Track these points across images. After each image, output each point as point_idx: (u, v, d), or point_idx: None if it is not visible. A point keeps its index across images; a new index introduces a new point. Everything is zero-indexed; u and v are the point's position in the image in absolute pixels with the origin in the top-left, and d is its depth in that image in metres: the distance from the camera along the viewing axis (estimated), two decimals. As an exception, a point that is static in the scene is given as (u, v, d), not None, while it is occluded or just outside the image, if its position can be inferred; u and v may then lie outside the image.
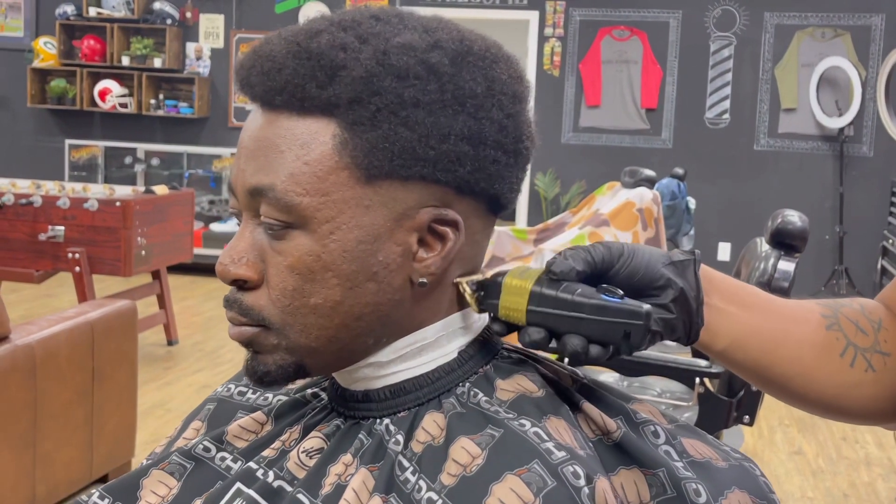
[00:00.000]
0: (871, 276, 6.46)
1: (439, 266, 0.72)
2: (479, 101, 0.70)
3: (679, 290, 0.75)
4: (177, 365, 4.78)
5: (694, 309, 0.76)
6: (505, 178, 0.73)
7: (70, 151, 7.39)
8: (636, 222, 3.94)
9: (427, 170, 0.69)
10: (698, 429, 0.77)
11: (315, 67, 0.69)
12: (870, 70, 6.54)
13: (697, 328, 0.77)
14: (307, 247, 0.70)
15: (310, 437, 0.75)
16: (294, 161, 0.69)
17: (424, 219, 0.71)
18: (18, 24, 7.66)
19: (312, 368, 0.74)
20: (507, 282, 0.73)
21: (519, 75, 0.75)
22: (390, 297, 0.72)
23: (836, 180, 6.60)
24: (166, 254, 4.85)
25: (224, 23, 7.37)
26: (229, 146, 7.33)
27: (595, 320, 0.70)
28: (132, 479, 0.78)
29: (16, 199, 4.48)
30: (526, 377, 0.74)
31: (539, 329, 0.71)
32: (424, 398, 0.74)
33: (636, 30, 6.86)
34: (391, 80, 0.68)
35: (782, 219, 2.77)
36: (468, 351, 0.75)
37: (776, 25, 6.69)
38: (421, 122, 0.68)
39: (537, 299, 0.71)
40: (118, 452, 3.32)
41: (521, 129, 0.73)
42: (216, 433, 0.80)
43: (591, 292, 0.71)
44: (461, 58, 0.71)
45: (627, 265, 0.74)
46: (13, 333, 2.80)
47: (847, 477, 3.70)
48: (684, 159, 6.60)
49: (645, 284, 0.74)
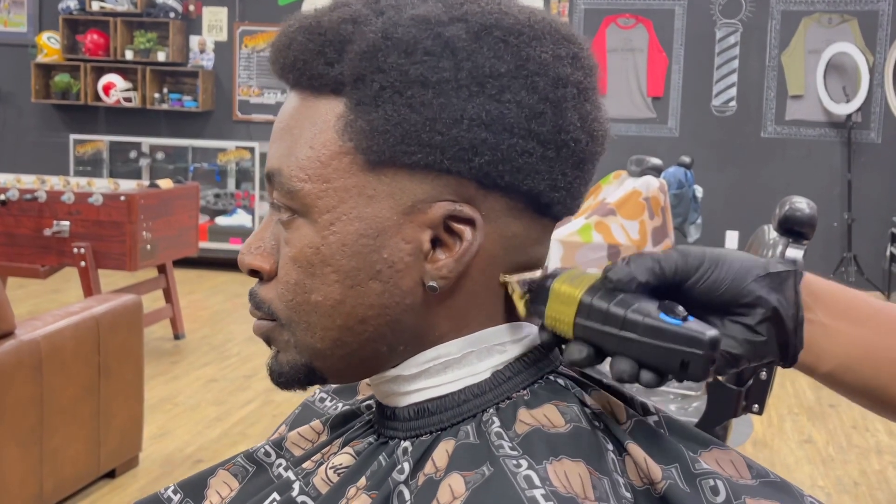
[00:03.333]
0: (880, 263, 6.43)
1: (452, 269, 0.64)
2: (503, 81, 0.62)
3: (771, 310, 0.63)
4: (184, 359, 4.77)
5: (791, 330, 0.64)
6: (541, 172, 0.63)
7: (75, 146, 7.39)
8: (643, 211, 3.92)
9: (434, 157, 0.62)
10: (791, 486, 0.66)
11: (324, 43, 0.64)
12: (877, 56, 6.49)
13: (795, 351, 0.66)
14: (308, 238, 0.65)
15: (342, 452, 0.69)
16: (302, 145, 0.65)
17: (438, 214, 0.63)
18: (22, 19, 7.65)
19: (324, 372, 0.68)
20: (556, 287, 0.64)
21: (570, 56, 0.65)
22: (398, 301, 0.64)
23: (844, 167, 6.57)
24: (172, 248, 4.85)
25: (227, 16, 7.35)
26: (234, 139, 7.32)
27: (648, 344, 0.60)
28: (202, 476, 0.75)
29: (20, 194, 4.48)
30: (557, 408, 0.64)
31: (582, 347, 0.62)
32: (448, 422, 0.66)
33: (641, 17, 6.82)
34: (397, 55, 0.62)
35: (790, 206, 2.74)
36: (505, 372, 0.66)
37: (782, 12, 6.64)
38: (428, 104, 0.61)
39: (587, 311, 0.62)
40: (125, 447, 3.32)
41: (565, 118, 0.64)
42: (278, 439, 0.76)
43: (649, 309, 0.61)
44: (487, 32, 0.63)
45: (707, 278, 0.63)
46: (18, 329, 2.79)
47: (857, 465, 3.67)
48: (691, 147, 6.57)
49: (729, 301, 0.64)
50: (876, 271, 6.41)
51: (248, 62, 7.35)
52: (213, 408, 4.07)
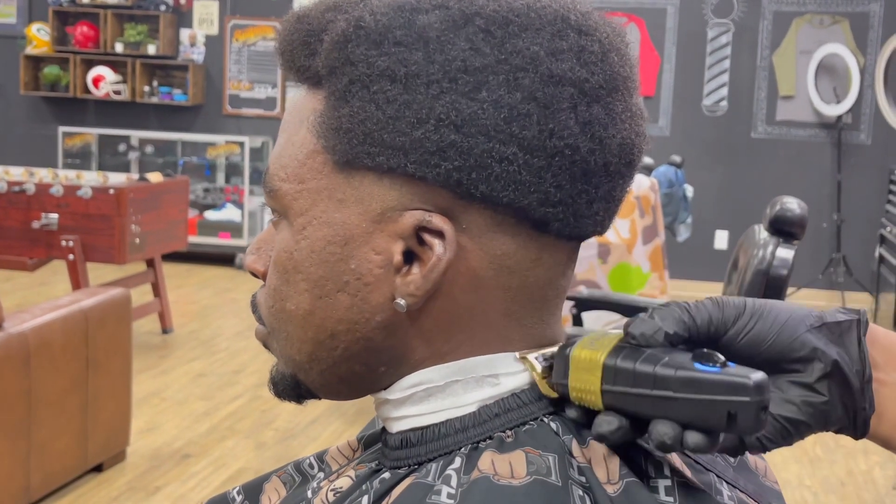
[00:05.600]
0: (869, 264, 6.45)
1: (420, 286, 0.57)
2: (479, 77, 0.55)
3: (832, 364, 0.54)
4: (172, 353, 4.76)
5: (858, 389, 0.55)
6: (526, 183, 0.55)
7: (63, 139, 7.35)
8: (633, 209, 3.92)
9: (397, 160, 0.55)
10: None
11: (308, 32, 0.59)
12: (868, 57, 6.51)
13: (866, 415, 0.56)
14: (285, 241, 0.60)
15: (346, 474, 0.65)
16: (288, 142, 0.61)
17: (409, 224, 0.56)
18: (11, 10, 7.60)
19: (310, 386, 0.63)
20: (576, 354, 0.56)
21: (574, 49, 0.56)
22: (368, 318, 0.58)
23: (834, 168, 6.58)
24: (161, 242, 4.83)
25: (218, 9, 7.32)
26: (224, 133, 7.30)
27: (687, 399, 0.52)
28: (259, 481, 0.73)
29: (9, 186, 4.45)
30: (527, 456, 0.55)
31: (612, 418, 0.54)
32: (425, 456, 0.59)
33: (633, 16, 6.82)
34: (366, 45, 0.56)
35: (781, 206, 2.75)
36: (493, 408, 0.59)
37: (774, 12, 6.66)
38: (393, 100, 0.55)
39: (612, 375, 0.54)
40: (113, 441, 3.31)
41: (557, 121, 0.55)
42: (322, 451, 0.71)
43: (681, 361, 0.53)
44: (467, 21, 0.55)
45: (749, 330, 0.55)
46: (6, 322, 2.78)
47: (844, 465, 3.69)
48: (682, 147, 6.58)
49: (779, 357, 0.55)
50: (865, 272, 6.44)
51: (239, 56, 7.33)
52: (201, 402, 4.06)
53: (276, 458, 3.47)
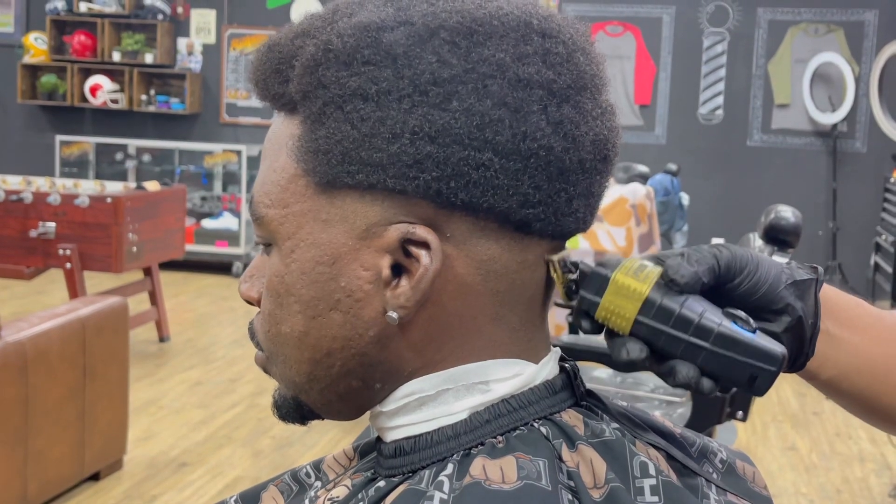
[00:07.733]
0: (864, 272, 6.47)
1: (410, 297, 0.58)
2: (448, 88, 0.56)
3: (797, 319, 0.62)
4: (169, 362, 4.76)
5: (807, 339, 0.63)
6: (504, 187, 0.57)
7: (61, 147, 7.36)
8: (629, 218, 3.94)
9: (377, 177, 0.57)
10: None
11: (279, 60, 0.61)
12: (863, 66, 6.54)
13: (805, 359, 0.65)
14: (275, 266, 0.62)
15: (343, 483, 0.66)
16: (269, 169, 0.62)
17: (394, 237, 0.58)
18: (9, 19, 7.62)
19: (311, 406, 0.65)
20: (619, 279, 0.59)
21: (539, 53, 0.58)
22: (361, 333, 0.60)
23: (830, 176, 6.61)
24: (158, 250, 4.83)
25: (216, 18, 7.34)
26: (221, 142, 7.31)
27: (720, 354, 0.57)
28: (257, 490, 0.74)
29: (6, 195, 4.46)
30: (517, 461, 0.57)
31: (642, 346, 0.58)
32: (418, 464, 0.61)
33: (629, 25, 6.85)
34: (336, 67, 0.57)
35: (775, 214, 2.76)
36: (484, 414, 0.60)
37: (769, 21, 6.69)
38: (367, 118, 0.56)
39: (653, 311, 0.58)
40: (110, 450, 3.31)
41: (529, 124, 0.57)
42: (318, 461, 0.73)
43: (717, 316, 0.58)
44: (432, 35, 0.57)
45: (750, 280, 0.61)
46: (4, 330, 2.78)
47: (840, 472, 3.70)
48: (677, 155, 6.60)
49: (761, 306, 0.61)
50: (860, 280, 6.45)
51: (236, 65, 7.34)
52: (197, 411, 4.06)
53: (272, 466, 3.47)
